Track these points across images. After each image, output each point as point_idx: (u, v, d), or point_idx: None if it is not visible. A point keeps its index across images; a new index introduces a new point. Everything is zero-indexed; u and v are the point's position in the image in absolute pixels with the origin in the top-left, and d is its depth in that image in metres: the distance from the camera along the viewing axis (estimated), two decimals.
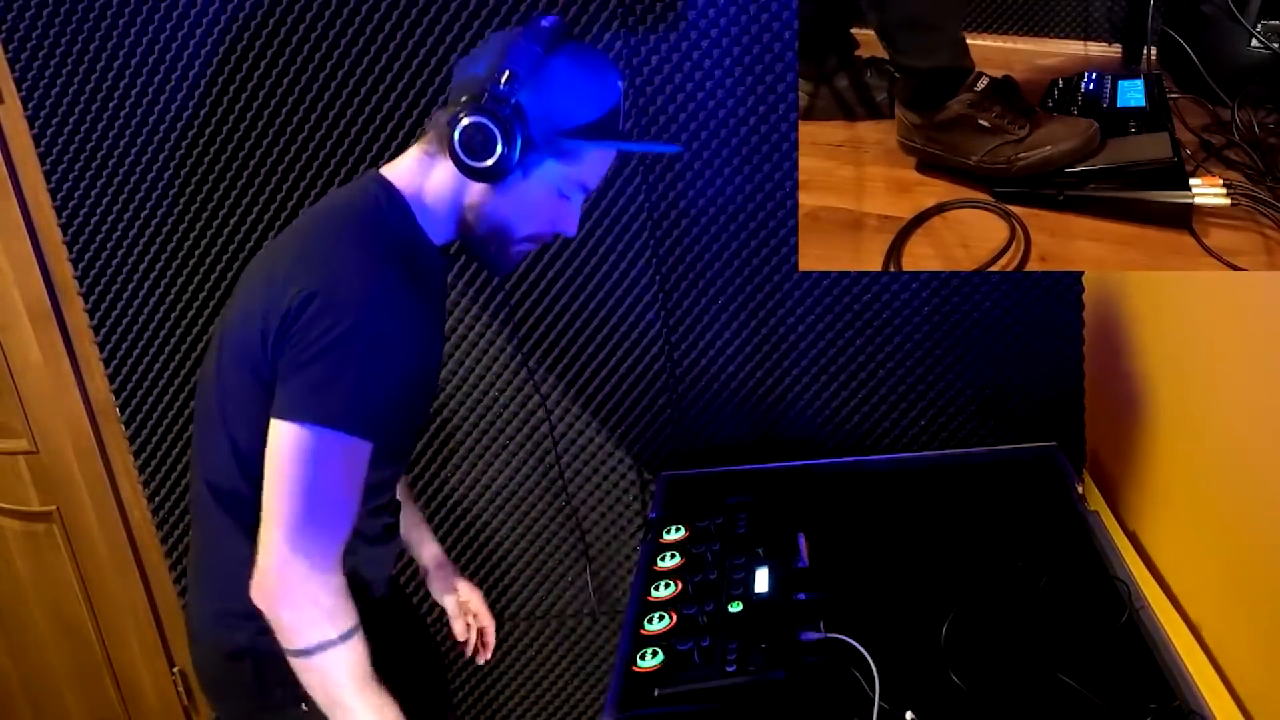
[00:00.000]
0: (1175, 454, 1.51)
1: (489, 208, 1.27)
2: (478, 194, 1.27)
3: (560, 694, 2.24)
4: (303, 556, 1.17)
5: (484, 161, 1.21)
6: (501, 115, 1.19)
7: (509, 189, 1.26)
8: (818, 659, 1.35)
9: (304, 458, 1.16)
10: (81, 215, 1.96)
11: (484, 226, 1.29)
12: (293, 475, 1.17)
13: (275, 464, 1.18)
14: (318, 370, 1.16)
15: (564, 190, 1.29)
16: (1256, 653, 1.25)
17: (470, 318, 1.97)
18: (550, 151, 1.25)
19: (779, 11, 1.73)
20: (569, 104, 1.24)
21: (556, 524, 2.09)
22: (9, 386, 2.27)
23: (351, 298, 1.17)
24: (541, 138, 1.23)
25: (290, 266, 1.22)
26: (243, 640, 1.34)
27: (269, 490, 1.18)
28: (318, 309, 1.16)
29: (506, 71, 1.20)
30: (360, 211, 1.27)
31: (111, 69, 1.86)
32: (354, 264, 1.20)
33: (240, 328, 1.25)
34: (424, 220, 1.30)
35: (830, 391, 1.96)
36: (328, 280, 1.18)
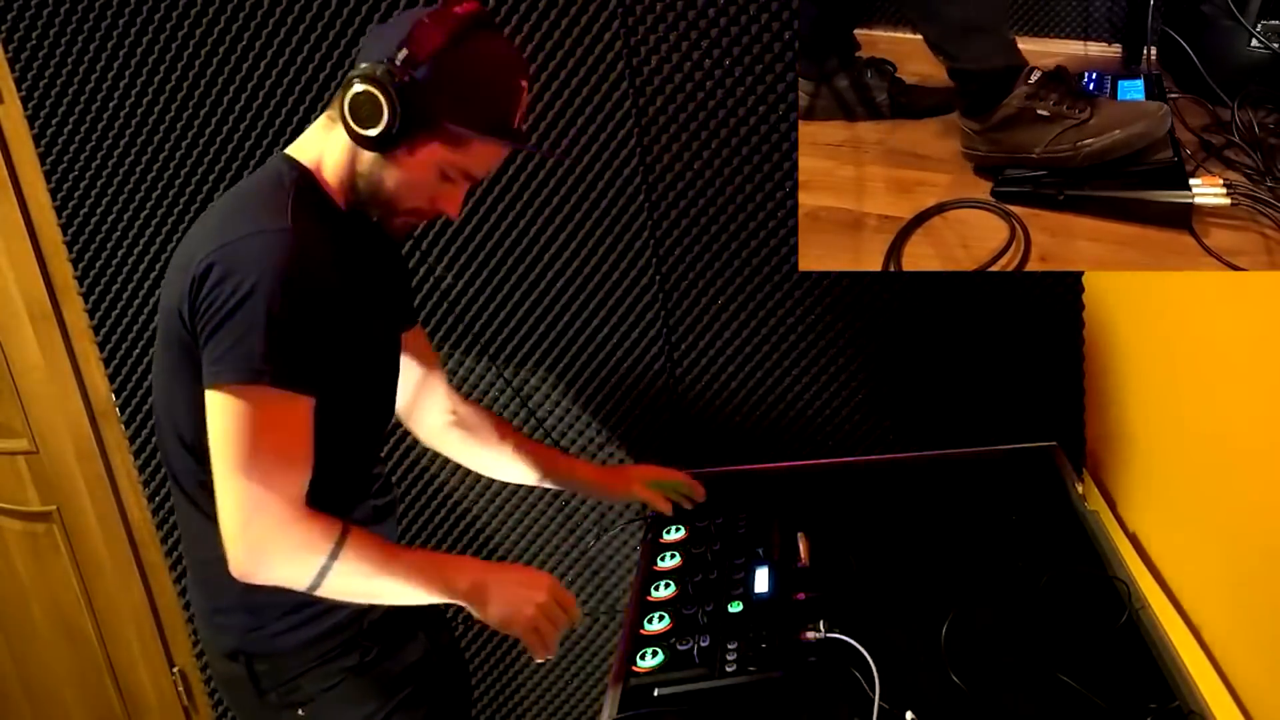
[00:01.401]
0: (1175, 454, 1.51)
1: (376, 177, 1.28)
2: (367, 162, 1.28)
3: (560, 694, 2.24)
4: (257, 521, 1.17)
5: (370, 130, 1.22)
6: (392, 89, 1.20)
7: (395, 162, 1.27)
8: (818, 659, 1.35)
9: (234, 419, 1.17)
10: (81, 215, 1.96)
11: (371, 194, 1.30)
12: (228, 439, 1.17)
13: (212, 432, 1.19)
14: (228, 333, 1.17)
15: (448, 173, 1.29)
16: (1256, 653, 1.25)
17: (470, 317, 1.97)
18: (437, 134, 1.25)
19: (779, 11, 1.73)
20: (463, 94, 1.24)
21: (556, 524, 2.09)
22: (9, 386, 2.27)
23: (249, 259, 1.18)
24: (431, 120, 1.24)
25: (197, 245, 1.23)
26: (233, 640, 1.35)
27: (213, 459, 1.18)
28: (218, 275, 1.18)
29: (405, 50, 1.21)
30: (258, 185, 1.31)
31: (111, 69, 1.86)
32: (251, 230, 1.21)
33: (164, 316, 1.28)
34: (326, 187, 1.32)
35: (830, 391, 1.96)
36: (226, 248, 1.20)
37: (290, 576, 1.20)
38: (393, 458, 2.05)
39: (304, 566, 1.19)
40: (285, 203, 1.24)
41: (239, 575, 1.19)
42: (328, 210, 1.31)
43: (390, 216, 1.32)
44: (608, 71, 1.79)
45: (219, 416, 1.18)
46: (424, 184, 1.29)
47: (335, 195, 1.32)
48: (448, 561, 1.44)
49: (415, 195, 1.30)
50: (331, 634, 1.35)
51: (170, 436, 1.32)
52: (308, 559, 1.19)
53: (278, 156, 1.34)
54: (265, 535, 1.18)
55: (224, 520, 1.18)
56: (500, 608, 1.29)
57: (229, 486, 1.17)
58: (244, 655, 1.34)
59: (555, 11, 1.77)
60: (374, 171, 1.28)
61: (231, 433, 1.17)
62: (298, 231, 1.21)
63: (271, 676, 1.35)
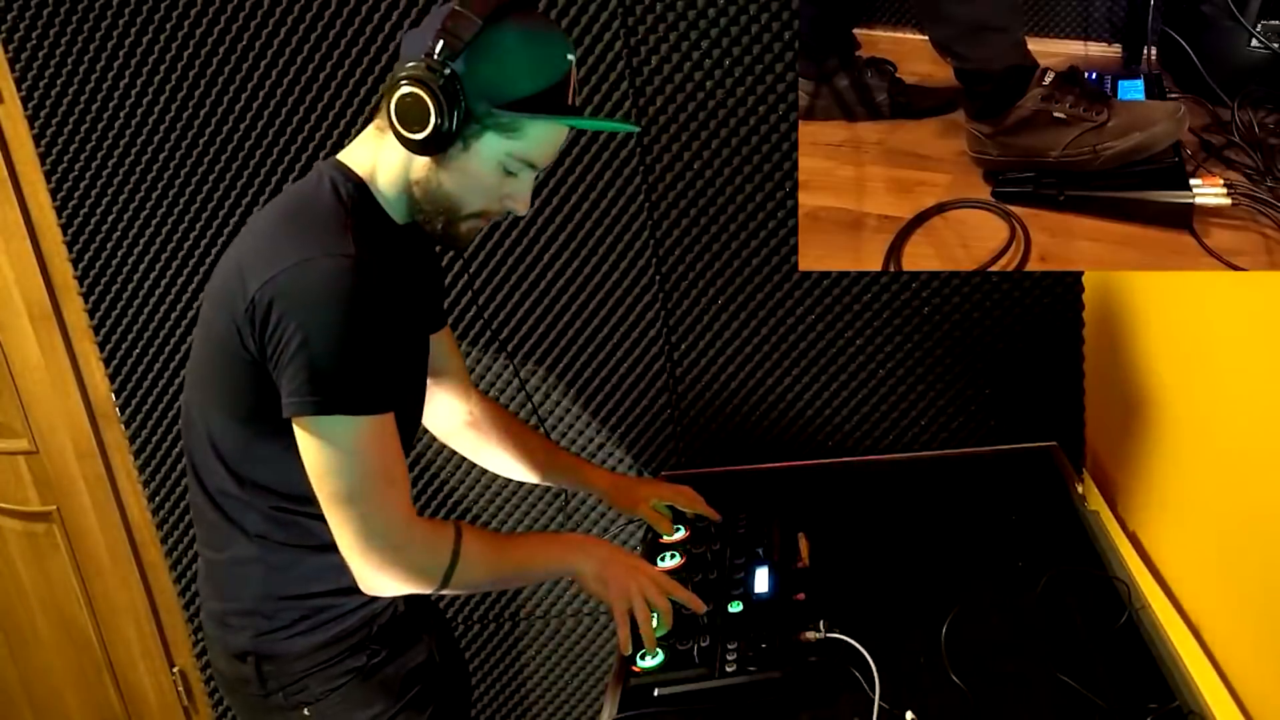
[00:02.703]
0: (1175, 454, 1.51)
1: (434, 183, 1.24)
2: (422, 168, 1.24)
3: (560, 694, 2.24)
4: (378, 542, 1.21)
5: (421, 133, 1.18)
6: (435, 85, 1.16)
7: (452, 163, 1.23)
8: (818, 659, 1.35)
9: (328, 450, 1.19)
10: (81, 215, 1.96)
11: (430, 202, 1.26)
12: (328, 470, 1.19)
13: (309, 464, 1.20)
14: (308, 365, 1.16)
15: (509, 166, 1.24)
16: (1256, 653, 1.25)
17: (471, 317, 1.97)
18: (490, 124, 1.20)
19: (779, 11, 1.73)
20: (508, 75, 1.19)
21: (556, 524, 2.09)
22: (9, 386, 2.27)
23: (316, 288, 1.16)
24: (480, 109, 1.19)
25: (253, 261, 1.21)
26: (244, 641, 1.35)
27: (318, 490, 1.21)
28: (284, 306, 1.16)
29: (441, 41, 1.17)
30: (316, 198, 1.26)
31: (111, 69, 1.86)
32: (314, 254, 1.18)
33: (214, 323, 1.25)
34: (381, 199, 1.28)
35: (830, 391, 1.96)
36: (289, 274, 1.17)
37: (419, 585, 1.25)
38: None
39: (430, 575, 1.24)
40: (345, 223, 1.21)
41: (369, 592, 1.24)
42: (384, 226, 1.28)
43: (455, 223, 1.28)
44: (608, 71, 1.79)
45: (312, 449, 1.19)
46: (486, 182, 1.25)
47: (390, 206, 1.29)
48: (556, 538, 1.53)
49: (479, 196, 1.26)
50: (342, 638, 1.35)
51: (202, 438, 1.30)
52: (431, 567, 1.24)
53: (329, 164, 1.29)
54: (386, 555, 1.21)
55: (344, 547, 1.21)
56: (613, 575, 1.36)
57: (342, 517, 1.20)
58: (254, 656, 1.34)
59: (555, 11, 1.77)
60: (430, 177, 1.24)
61: (329, 464, 1.19)
62: (361, 256, 1.18)
63: (278, 678, 1.35)
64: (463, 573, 1.26)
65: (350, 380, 1.17)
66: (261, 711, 1.38)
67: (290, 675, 1.35)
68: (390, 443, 1.22)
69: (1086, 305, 1.86)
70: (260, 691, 1.35)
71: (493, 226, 1.90)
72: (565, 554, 1.38)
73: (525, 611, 2.17)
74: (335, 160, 1.29)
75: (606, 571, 1.36)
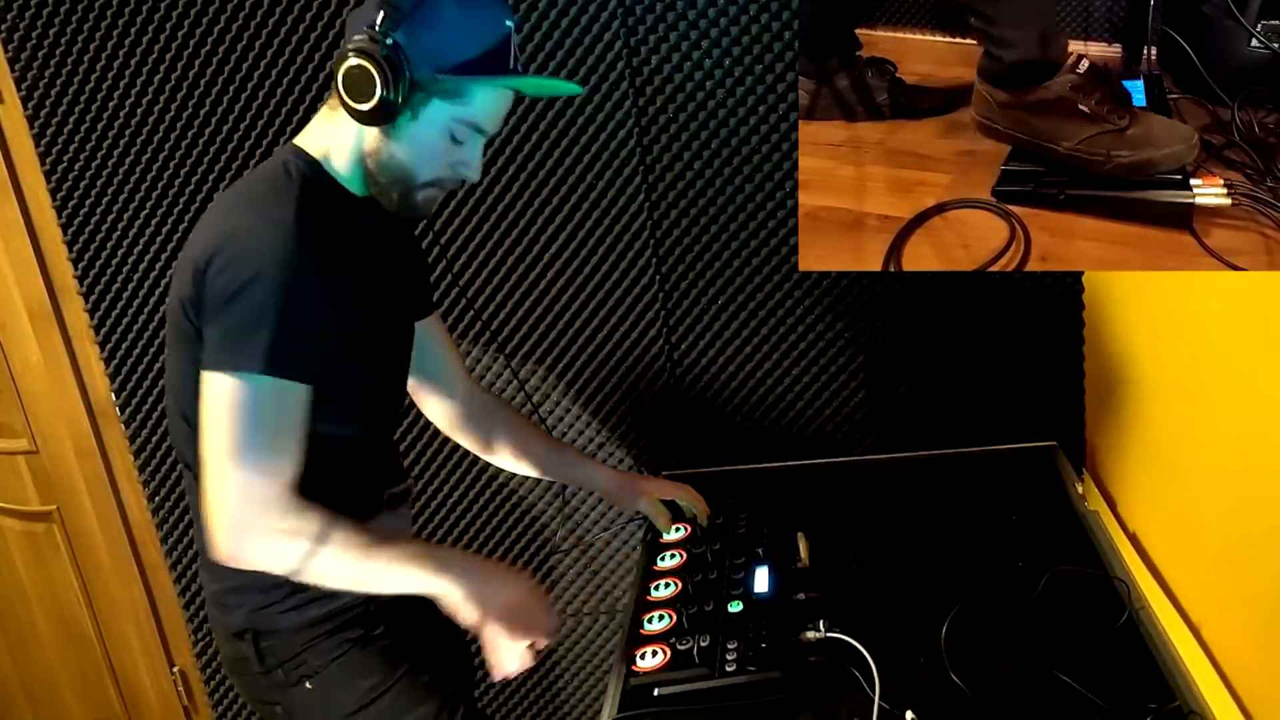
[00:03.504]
0: (1175, 454, 1.51)
1: (385, 153, 1.26)
2: (373, 140, 1.26)
3: (560, 694, 2.24)
4: (246, 508, 1.17)
5: (369, 103, 1.20)
6: (378, 55, 1.18)
7: (401, 133, 1.25)
8: (818, 659, 1.35)
9: (230, 405, 1.17)
10: (81, 215, 1.96)
11: (384, 173, 1.28)
12: (222, 424, 1.17)
13: (206, 416, 1.19)
14: (227, 320, 1.18)
15: (457, 133, 1.27)
16: (1256, 653, 1.25)
17: (471, 316, 1.97)
18: (435, 91, 1.23)
19: (779, 11, 1.73)
20: (448, 40, 1.22)
21: (556, 524, 2.09)
22: (9, 386, 2.27)
23: (253, 248, 1.18)
24: (424, 77, 1.21)
25: (198, 238, 1.24)
26: (240, 619, 1.36)
27: (204, 441, 1.19)
28: (221, 264, 1.18)
29: (383, 13, 1.19)
30: (265, 177, 1.29)
31: (111, 69, 1.86)
32: (256, 219, 1.21)
33: (171, 312, 1.28)
34: (338, 176, 1.30)
35: (830, 391, 1.96)
36: (230, 236, 1.20)
37: (274, 561, 1.20)
38: None
39: (288, 552, 1.20)
40: (292, 195, 1.24)
41: (223, 557, 1.19)
42: (339, 200, 1.30)
43: (411, 193, 1.30)
44: (608, 71, 1.79)
45: (214, 401, 1.18)
46: (436, 150, 1.27)
47: (348, 183, 1.31)
48: (432, 551, 1.41)
49: (431, 165, 1.28)
50: (337, 613, 1.35)
51: (178, 420, 1.32)
52: (291, 544, 1.19)
53: (285, 148, 1.32)
54: (251, 521, 1.18)
55: (210, 502, 1.18)
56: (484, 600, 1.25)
57: (219, 471, 1.17)
58: (251, 633, 1.35)
59: (555, 11, 1.77)
60: (382, 148, 1.26)
61: (226, 419, 1.17)
62: (303, 224, 1.21)
63: (276, 653, 1.35)
64: (326, 560, 1.20)
65: (263, 340, 1.16)
66: (265, 690, 1.38)
67: (289, 650, 1.35)
68: (293, 415, 1.20)
69: (1086, 305, 1.86)
70: (261, 669, 1.36)
71: (493, 226, 1.90)
72: (440, 569, 1.25)
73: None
74: (291, 144, 1.32)
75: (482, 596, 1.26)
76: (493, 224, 1.90)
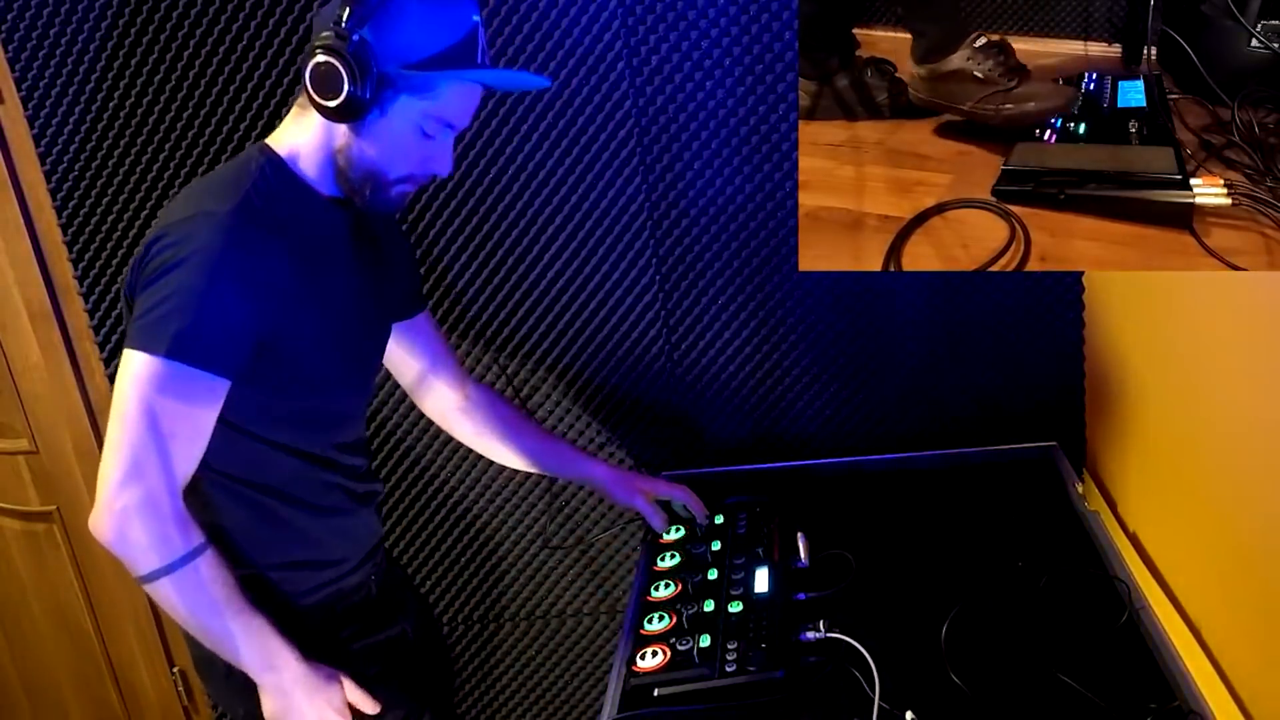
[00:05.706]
0: (1175, 454, 1.51)
1: (355, 150, 1.26)
2: (342, 137, 1.26)
3: (560, 694, 2.24)
4: (131, 488, 1.16)
5: (336, 100, 1.20)
6: (345, 51, 1.18)
7: (371, 129, 1.25)
8: (818, 659, 1.35)
9: (140, 383, 1.16)
10: (81, 215, 1.96)
11: (355, 170, 1.28)
12: (123, 401, 1.17)
13: (117, 389, 1.18)
14: (146, 300, 1.18)
15: (426, 128, 1.26)
16: (1256, 653, 1.25)
17: (471, 316, 1.97)
18: (404, 86, 1.23)
19: (779, 11, 1.73)
20: (414, 35, 1.22)
21: (556, 524, 2.09)
22: (9, 386, 2.26)
23: (187, 233, 1.18)
24: (392, 72, 1.21)
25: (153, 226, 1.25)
26: None
27: (112, 413, 1.18)
28: (157, 249, 1.19)
29: (349, 9, 1.19)
30: (222, 171, 1.30)
31: (111, 69, 1.86)
32: (197, 210, 1.21)
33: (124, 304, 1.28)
34: (305, 174, 1.30)
35: (830, 391, 1.96)
36: (171, 224, 1.21)
37: (131, 557, 1.18)
38: (384, 450, 2.05)
39: (146, 557, 1.17)
40: (241, 188, 1.23)
41: (91, 529, 1.18)
42: (301, 197, 1.29)
43: (383, 190, 1.29)
44: (608, 71, 1.79)
45: (126, 377, 1.17)
46: (406, 146, 1.27)
47: (317, 183, 1.30)
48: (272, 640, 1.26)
49: (401, 161, 1.28)
50: (305, 617, 1.34)
51: None
52: (155, 552, 1.17)
53: (254, 145, 1.32)
54: (132, 513, 1.16)
55: (99, 479, 1.17)
56: (286, 711, 1.25)
57: (117, 444, 1.16)
58: None
59: (555, 11, 1.77)
60: (352, 145, 1.26)
61: (133, 396, 1.16)
62: (241, 215, 1.20)
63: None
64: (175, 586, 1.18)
65: (175, 325, 1.16)
66: (231, 692, 1.36)
67: None
68: (201, 406, 1.19)
69: (1086, 305, 1.86)
70: (224, 670, 1.32)
71: (493, 226, 1.90)
72: (266, 663, 1.23)
73: (525, 612, 2.17)
74: (261, 141, 1.32)
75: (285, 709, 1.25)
76: (493, 224, 1.90)
